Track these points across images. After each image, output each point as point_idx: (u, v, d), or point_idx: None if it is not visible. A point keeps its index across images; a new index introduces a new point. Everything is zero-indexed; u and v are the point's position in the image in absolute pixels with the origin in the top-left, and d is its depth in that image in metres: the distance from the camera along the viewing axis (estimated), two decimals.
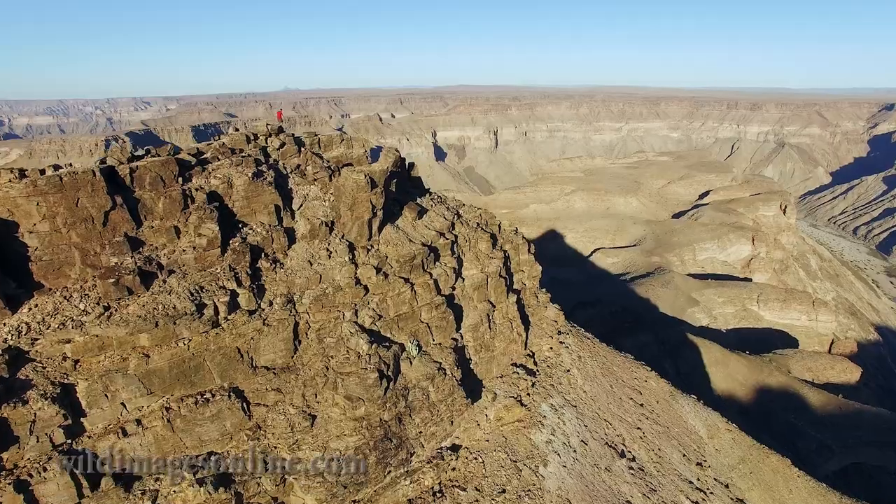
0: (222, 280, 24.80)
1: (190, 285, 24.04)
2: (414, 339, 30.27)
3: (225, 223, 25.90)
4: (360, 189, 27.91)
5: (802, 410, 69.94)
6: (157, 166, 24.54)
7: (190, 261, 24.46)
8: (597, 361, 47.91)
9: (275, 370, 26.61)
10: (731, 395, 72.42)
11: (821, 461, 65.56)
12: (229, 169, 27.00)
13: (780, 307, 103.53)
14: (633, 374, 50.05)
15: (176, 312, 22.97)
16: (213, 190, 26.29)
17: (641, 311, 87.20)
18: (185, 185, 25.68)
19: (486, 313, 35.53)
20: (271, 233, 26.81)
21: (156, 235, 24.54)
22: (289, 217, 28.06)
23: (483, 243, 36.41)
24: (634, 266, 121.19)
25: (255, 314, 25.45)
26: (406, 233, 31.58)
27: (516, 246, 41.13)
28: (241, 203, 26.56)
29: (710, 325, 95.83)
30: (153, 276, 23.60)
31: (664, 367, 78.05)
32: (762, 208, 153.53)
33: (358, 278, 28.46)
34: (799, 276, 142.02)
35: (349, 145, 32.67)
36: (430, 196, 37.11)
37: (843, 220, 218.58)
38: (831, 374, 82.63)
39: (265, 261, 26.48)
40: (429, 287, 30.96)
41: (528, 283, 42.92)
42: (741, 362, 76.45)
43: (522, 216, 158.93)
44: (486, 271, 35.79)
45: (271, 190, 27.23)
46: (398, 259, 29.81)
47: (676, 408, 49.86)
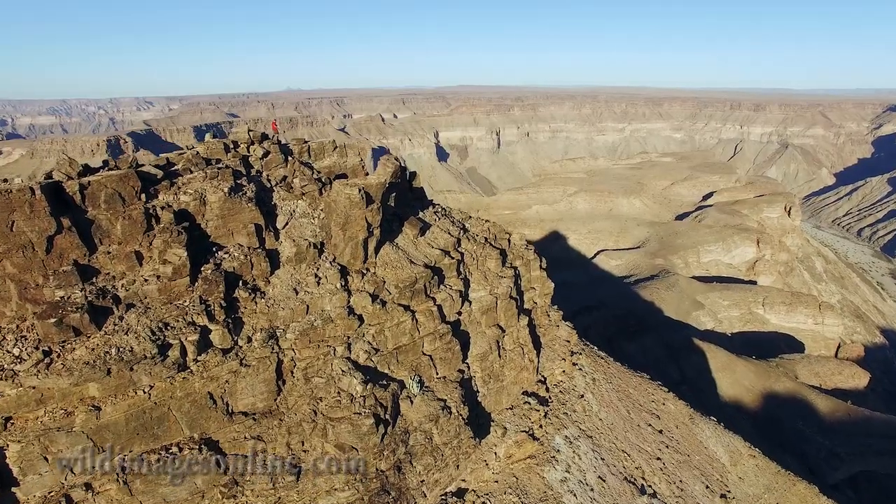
0: (191, 315, 20.88)
1: (152, 322, 20.13)
2: (415, 375, 26.39)
3: (196, 247, 21.99)
4: (353, 205, 23.92)
5: (810, 417, 67.18)
6: (114, 181, 20.60)
7: (153, 292, 20.55)
8: (612, 384, 44.03)
9: (254, 415, 22.74)
10: (738, 402, 70.08)
11: (830, 469, 62.90)
12: (202, 183, 23.05)
13: (786, 310, 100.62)
14: (649, 396, 46.13)
15: (133, 356, 19.07)
16: (182, 208, 22.36)
17: (646, 315, 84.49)
18: (149, 203, 21.74)
19: (496, 340, 31.61)
20: (251, 257, 22.85)
21: (113, 263, 20.63)
22: (272, 238, 24.10)
23: (492, 261, 32.46)
24: (638, 268, 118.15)
25: (231, 353, 21.55)
26: (407, 253, 27.60)
27: (527, 261, 37.15)
28: (215, 223, 22.62)
29: (716, 329, 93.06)
30: (107, 313, 19.68)
31: (669, 371, 75.41)
32: (767, 210, 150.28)
33: (351, 307, 24.53)
34: (804, 278, 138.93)
35: (343, 153, 28.68)
36: (434, 208, 33.05)
37: (847, 222, 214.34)
38: (839, 380, 79.59)
39: (243, 290, 22.55)
40: (432, 315, 27.01)
41: (540, 301, 38.96)
42: (748, 367, 73.84)
43: (525, 217, 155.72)
44: (496, 293, 31.85)
45: (251, 207, 23.28)
46: (397, 284, 25.84)
47: (697, 432, 45.92)
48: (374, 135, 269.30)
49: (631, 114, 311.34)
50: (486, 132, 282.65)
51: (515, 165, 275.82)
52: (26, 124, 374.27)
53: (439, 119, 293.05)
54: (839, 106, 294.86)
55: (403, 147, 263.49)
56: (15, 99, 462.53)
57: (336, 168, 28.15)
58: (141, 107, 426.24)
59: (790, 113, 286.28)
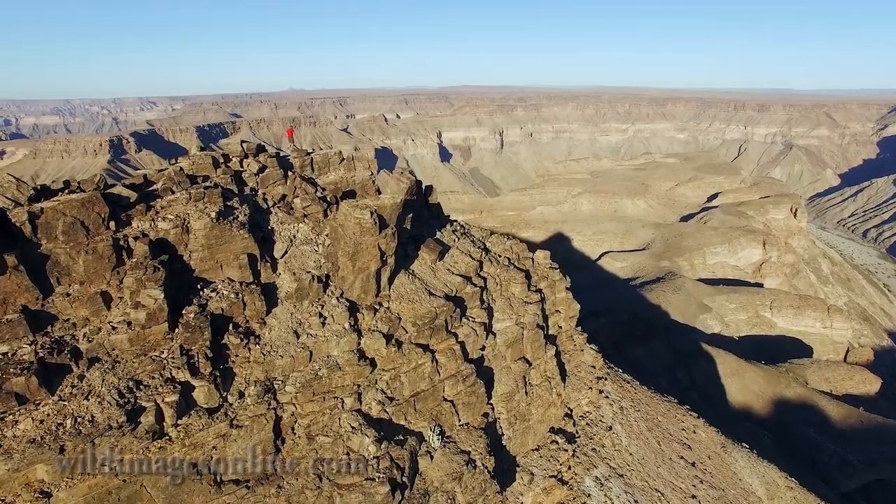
0: (170, 369, 16.90)
1: (121, 381, 16.15)
2: (435, 426, 22.42)
3: (177, 285, 17.99)
4: (365, 231, 19.90)
5: (822, 424, 64.51)
6: (74, 207, 16.58)
7: (123, 343, 16.56)
8: (640, 411, 40.06)
9: (248, 483, 18.80)
10: (748, 408, 67.67)
11: (842, 477, 60.02)
12: (186, 206, 19.03)
13: (794, 314, 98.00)
14: (679, 423, 42.16)
15: (95, 428, 15.10)
16: (160, 237, 18.35)
17: (653, 319, 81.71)
18: (120, 233, 17.71)
19: (522, 375, 27.59)
20: (243, 295, 18.82)
21: (73, 307, 16.63)
22: (268, 270, 20.05)
23: (517, 286, 28.42)
24: (644, 270, 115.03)
25: (219, 413, 17.57)
26: (424, 282, 23.54)
27: (552, 283, 33.12)
28: (200, 254, 18.60)
29: (723, 332, 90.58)
30: (63, 372, 15.71)
31: (677, 376, 73.10)
32: (772, 211, 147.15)
33: (362, 351, 20.52)
34: (810, 280, 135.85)
35: (350, 167, 24.59)
36: (452, 226, 28.95)
37: (852, 223, 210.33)
38: (850, 385, 76.55)
39: (234, 335, 18.53)
40: (454, 354, 22.97)
41: (565, 325, 34.94)
42: (757, 373, 71.18)
43: (529, 218, 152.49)
44: (522, 322, 27.83)
45: (244, 234, 19.25)
46: (415, 321, 21.80)
47: (730, 462, 41.96)
48: (377, 135, 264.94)
49: (634, 114, 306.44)
50: (489, 132, 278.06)
51: (519, 166, 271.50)
52: (30, 124, 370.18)
53: (442, 119, 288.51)
54: (844, 106, 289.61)
55: (406, 147, 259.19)
56: (19, 99, 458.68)
57: (343, 184, 24.05)
58: (144, 107, 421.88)
59: (794, 113, 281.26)
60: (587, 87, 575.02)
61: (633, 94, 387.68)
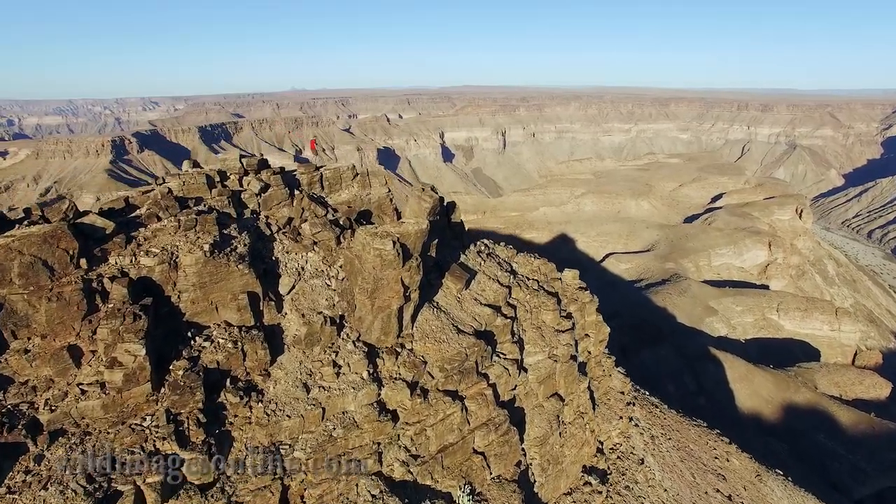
0: (153, 440, 13.64)
1: (92, 459, 12.92)
2: (465, 484, 19.23)
3: (163, 333, 14.73)
4: (386, 265, 16.60)
5: (832, 430, 62.26)
6: (34, 244, 13.28)
7: (95, 410, 13.28)
8: (671, 440, 36.85)
9: None
10: (757, 414, 65.59)
11: (854, 485, 57.53)
12: (174, 237, 15.66)
13: (802, 316, 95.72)
14: (712, 451, 38.91)
15: None
16: (143, 276, 15.06)
17: (659, 322, 79.40)
18: (93, 272, 14.39)
19: (556, 414, 24.33)
20: (242, 343, 15.50)
21: (33, 367, 13.34)
22: (272, 310, 16.73)
23: (548, 314, 25.10)
24: (649, 272, 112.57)
25: (214, 490, 14.30)
26: (451, 316, 20.22)
27: (582, 305, 29.82)
28: (192, 295, 15.28)
29: (729, 336, 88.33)
30: (18, 451, 12.46)
31: (685, 382, 71.10)
32: (778, 212, 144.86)
33: (383, 403, 17.25)
34: (815, 281, 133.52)
35: (365, 183, 21.26)
36: (476, 247, 25.50)
37: (857, 224, 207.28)
38: (860, 390, 74.08)
39: (232, 393, 15.21)
40: (485, 400, 19.70)
41: (594, 349, 31.64)
42: (766, 378, 68.76)
43: (532, 219, 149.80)
44: (555, 354, 24.56)
45: (243, 269, 15.92)
46: (443, 365, 18.51)
47: (766, 493, 38.74)
48: (379, 135, 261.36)
49: (637, 114, 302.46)
50: (491, 132, 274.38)
51: (521, 166, 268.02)
52: (33, 124, 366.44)
53: (445, 119, 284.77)
54: (848, 106, 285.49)
55: (409, 147, 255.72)
56: (22, 99, 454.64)
57: (357, 203, 20.77)
58: (146, 107, 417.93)
59: (798, 113, 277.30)
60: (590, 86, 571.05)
61: (636, 93, 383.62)
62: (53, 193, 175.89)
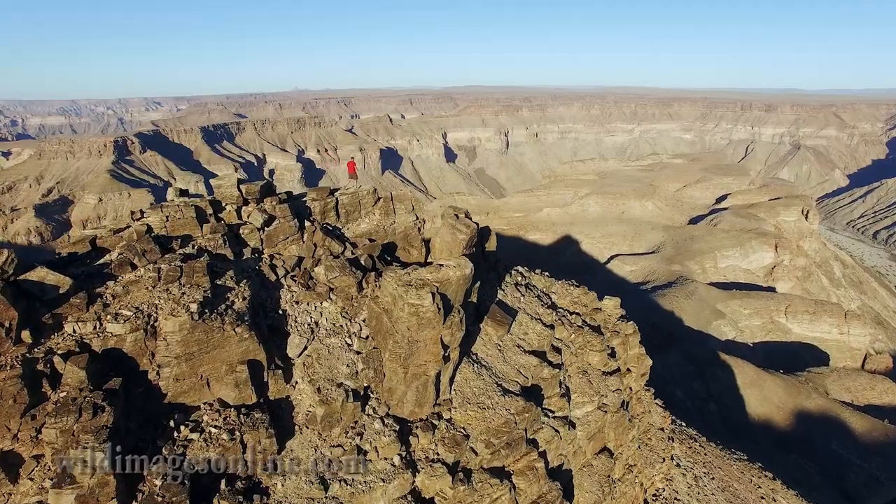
0: None
1: None
2: None
3: (136, 424, 12.01)
4: (424, 324, 13.93)
5: (845, 437, 62.32)
6: None
7: None
8: (714, 479, 35.14)
9: None
10: (768, 421, 65.85)
11: (868, 494, 57.80)
12: (152, 293, 12.77)
13: (810, 319, 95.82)
14: (757, 489, 37.01)
15: None
16: (110, 347, 12.13)
17: (669, 326, 79.30)
18: (40, 348, 11.36)
19: (607, 474, 22.19)
20: (241, 431, 12.86)
21: None
22: (279, 380, 13.99)
23: (595, 355, 22.63)
24: (654, 274, 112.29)
25: None
26: (493, 371, 17.92)
27: (625, 338, 27.39)
28: (176, 370, 12.47)
29: (737, 339, 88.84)
30: None
31: (695, 387, 71.32)
32: (783, 213, 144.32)
33: (418, 493, 14.82)
34: (822, 283, 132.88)
35: (388, 209, 18.30)
36: (513, 277, 22.77)
37: (862, 224, 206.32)
38: (872, 395, 73.92)
39: (228, 499, 12.36)
40: (536, 474, 17.12)
41: (635, 385, 29.25)
42: (777, 383, 68.76)
43: (536, 220, 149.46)
44: (605, 403, 22.01)
45: (242, 332, 13.16)
46: (489, 439, 16.01)
47: None
48: (382, 135, 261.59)
49: (640, 114, 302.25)
50: (494, 133, 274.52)
51: (524, 166, 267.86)
52: (36, 125, 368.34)
53: (447, 119, 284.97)
54: (852, 106, 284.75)
55: (412, 148, 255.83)
56: (25, 99, 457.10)
57: (380, 234, 18.00)
58: (149, 107, 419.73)
59: (802, 113, 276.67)
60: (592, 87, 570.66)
61: (639, 94, 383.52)
62: (56, 194, 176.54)
